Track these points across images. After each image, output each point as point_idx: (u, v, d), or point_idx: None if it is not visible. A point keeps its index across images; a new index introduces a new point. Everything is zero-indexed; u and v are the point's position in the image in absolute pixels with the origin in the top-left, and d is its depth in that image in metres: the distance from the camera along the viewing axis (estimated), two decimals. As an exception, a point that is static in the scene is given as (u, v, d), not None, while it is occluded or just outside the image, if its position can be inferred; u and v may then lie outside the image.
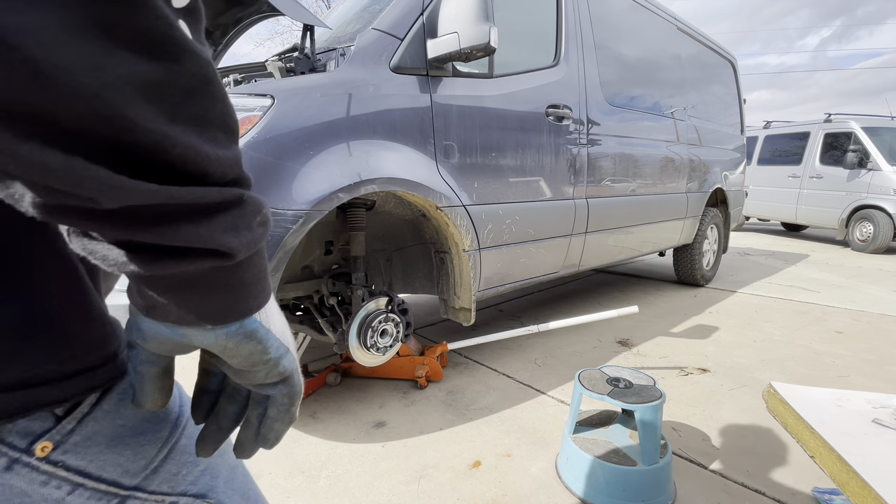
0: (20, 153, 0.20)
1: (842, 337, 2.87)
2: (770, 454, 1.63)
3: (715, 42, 4.22)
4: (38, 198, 0.22)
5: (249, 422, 0.38)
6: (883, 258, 5.90)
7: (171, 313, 0.30)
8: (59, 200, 0.22)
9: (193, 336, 0.31)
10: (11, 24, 0.18)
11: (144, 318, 0.31)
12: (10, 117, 0.19)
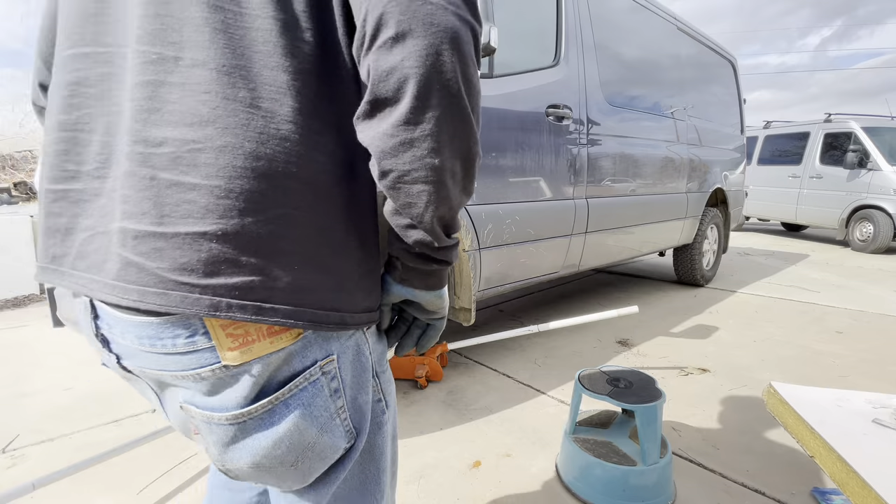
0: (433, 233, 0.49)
1: (842, 337, 2.87)
2: (770, 454, 1.63)
3: (715, 42, 4.22)
4: (420, 245, 0.50)
5: (412, 336, 0.62)
6: (883, 258, 5.90)
7: (414, 283, 0.55)
8: (424, 251, 0.51)
9: (419, 294, 0.56)
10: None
11: (396, 284, 0.56)
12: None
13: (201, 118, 0.42)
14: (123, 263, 0.43)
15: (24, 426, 1.89)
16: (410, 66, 0.39)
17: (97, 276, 0.45)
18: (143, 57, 0.43)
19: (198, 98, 0.42)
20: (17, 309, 3.82)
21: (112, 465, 1.59)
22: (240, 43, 0.42)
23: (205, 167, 0.41)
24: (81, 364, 2.56)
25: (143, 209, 0.42)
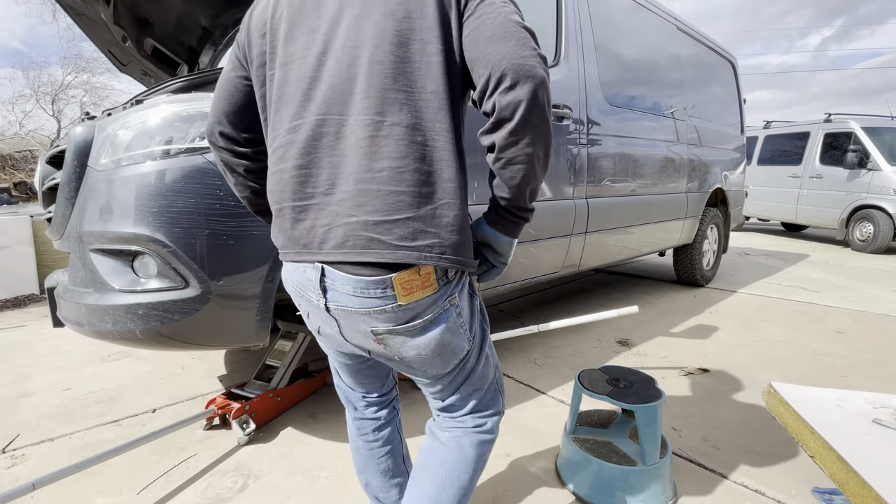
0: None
1: (842, 337, 2.87)
2: (770, 454, 1.63)
3: (715, 42, 4.22)
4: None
5: (483, 274, 0.91)
6: (883, 258, 5.90)
7: (499, 227, 0.84)
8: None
9: (499, 238, 0.85)
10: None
11: (486, 225, 0.85)
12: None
13: (401, 154, 0.73)
14: (367, 240, 0.74)
15: (24, 426, 1.89)
16: (521, 100, 0.69)
17: (341, 249, 0.75)
18: (363, 120, 0.74)
19: (398, 143, 0.74)
20: (17, 309, 3.82)
21: (112, 465, 1.59)
22: (416, 109, 0.75)
23: (406, 182, 0.74)
24: (81, 364, 2.56)
25: (376, 207, 0.74)
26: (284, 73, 0.80)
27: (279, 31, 0.81)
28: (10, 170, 13.52)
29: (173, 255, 1.31)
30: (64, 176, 1.46)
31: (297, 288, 0.84)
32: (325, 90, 0.76)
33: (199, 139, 1.34)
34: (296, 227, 0.79)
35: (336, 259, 0.76)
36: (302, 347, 2.03)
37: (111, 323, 1.36)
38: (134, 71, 2.52)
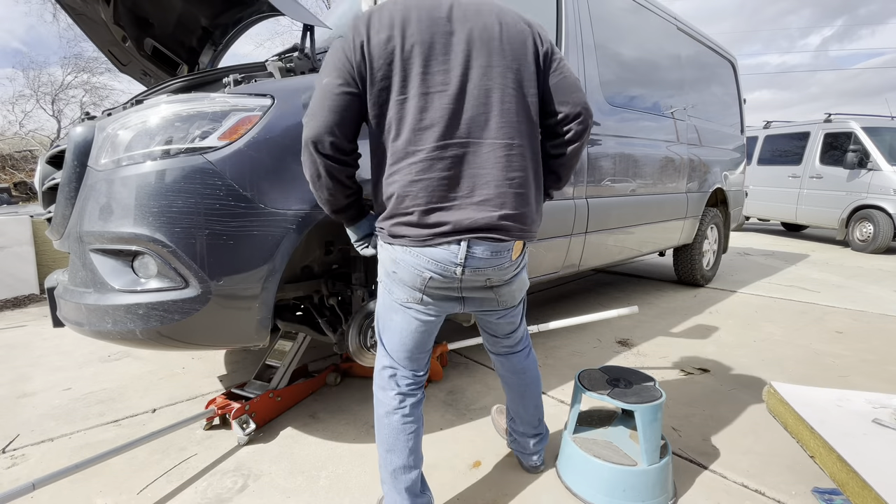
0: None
1: (842, 337, 2.87)
2: (770, 454, 1.63)
3: (715, 42, 4.22)
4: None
5: None
6: (883, 258, 5.90)
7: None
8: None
9: None
10: None
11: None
12: None
13: (523, 167, 1.10)
14: (507, 227, 1.08)
15: (24, 426, 1.89)
16: (587, 129, 1.18)
17: (488, 234, 1.06)
18: (500, 143, 1.06)
19: (521, 159, 1.09)
20: (17, 309, 3.82)
21: (112, 465, 1.59)
22: (528, 135, 1.11)
23: (528, 187, 1.11)
24: (81, 364, 2.56)
25: (514, 206, 1.08)
26: (426, 101, 1.02)
27: (413, 65, 1.01)
28: (10, 170, 13.52)
29: (173, 255, 1.31)
30: (64, 176, 1.46)
31: (431, 262, 1.07)
32: (467, 120, 1.03)
33: (199, 139, 1.34)
34: (442, 219, 1.04)
35: (484, 236, 1.06)
36: (302, 347, 2.03)
37: (111, 323, 1.36)
38: (134, 71, 2.52)
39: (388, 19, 1.01)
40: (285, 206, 1.41)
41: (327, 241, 1.96)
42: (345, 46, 1.02)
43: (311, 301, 2.00)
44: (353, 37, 1.01)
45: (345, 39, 1.03)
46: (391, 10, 1.02)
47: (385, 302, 1.20)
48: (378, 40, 1.00)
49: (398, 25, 1.00)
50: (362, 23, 1.02)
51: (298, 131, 1.46)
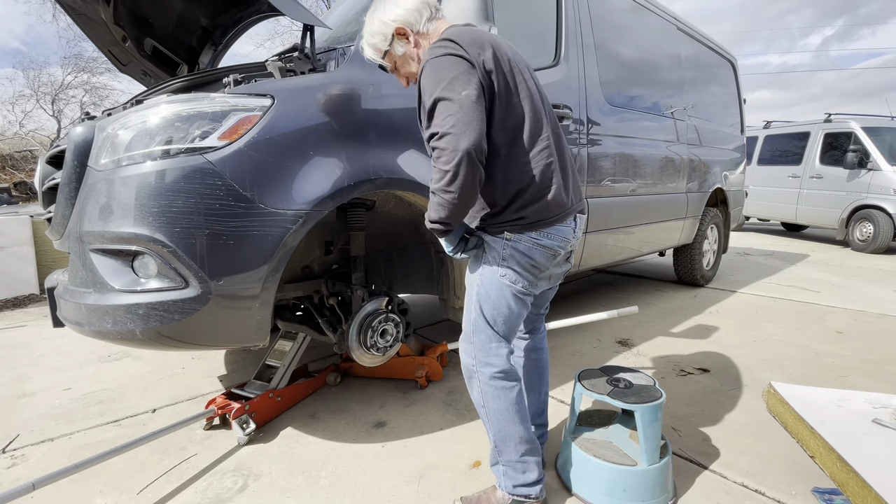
0: None
1: (842, 337, 2.87)
2: (770, 454, 1.63)
3: (715, 42, 4.22)
4: None
5: None
6: (883, 258, 5.90)
7: None
8: None
9: None
10: None
11: None
12: None
13: (572, 154, 1.85)
14: (583, 203, 1.36)
15: (24, 426, 1.89)
16: None
17: (581, 210, 1.33)
18: (560, 134, 1.32)
19: (567, 148, 1.35)
20: (17, 309, 3.83)
21: (112, 465, 1.59)
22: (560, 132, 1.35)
23: (575, 171, 1.38)
24: (81, 364, 2.56)
25: (576, 182, 1.35)
26: (531, 102, 1.23)
27: (515, 74, 1.22)
28: (10, 170, 13.52)
29: (173, 255, 1.31)
30: (64, 176, 1.46)
31: (562, 239, 1.25)
32: (550, 118, 1.29)
33: (199, 139, 1.34)
34: (567, 196, 1.26)
35: (581, 210, 1.33)
36: (302, 347, 2.03)
37: (111, 323, 1.36)
38: (134, 71, 2.52)
39: (478, 40, 1.16)
40: (285, 206, 1.41)
41: (327, 241, 1.97)
42: (465, 62, 1.12)
43: (311, 301, 2.00)
44: (468, 54, 1.12)
45: (459, 57, 1.12)
46: (471, 33, 1.18)
47: (504, 294, 1.25)
48: (487, 56, 1.15)
49: (489, 45, 1.17)
50: (464, 42, 1.14)
51: (298, 131, 1.47)
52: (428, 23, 1.25)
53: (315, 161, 1.48)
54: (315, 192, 1.45)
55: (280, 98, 1.44)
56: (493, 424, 1.27)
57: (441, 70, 1.11)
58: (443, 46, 1.13)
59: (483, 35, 1.20)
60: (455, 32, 1.17)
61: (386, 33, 1.25)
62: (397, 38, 1.25)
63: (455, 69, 1.10)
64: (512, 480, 1.30)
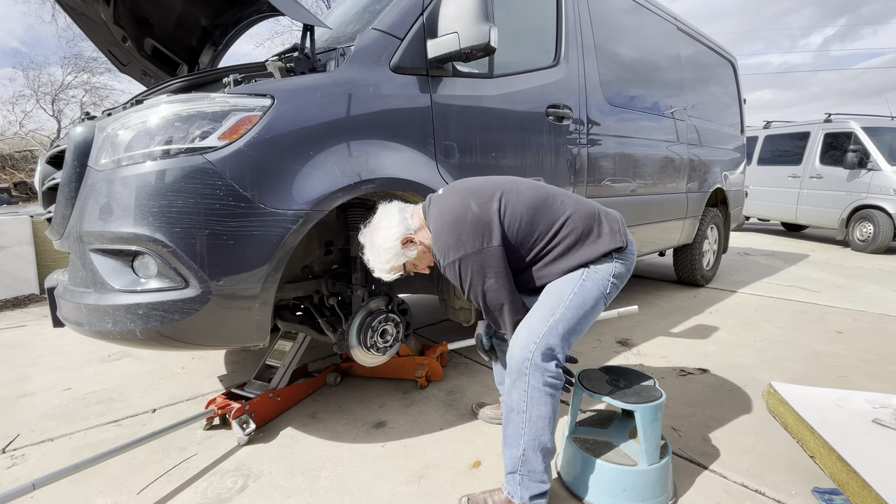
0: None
1: (842, 337, 2.87)
2: (770, 454, 1.63)
3: (715, 42, 4.22)
4: None
5: None
6: (883, 258, 5.90)
7: None
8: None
9: None
10: None
11: None
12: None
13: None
14: None
15: (24, 426, 1.89)
16: None
17: None
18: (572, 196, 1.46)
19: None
20: (17, 309, 3.83)
21: (112, 465, 1.59)
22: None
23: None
24: (81, 364, 2.56)
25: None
26: (535, 212, 1.39)
27: (522, 224, 1.37)
28: (10, 170, 13.52)
29: (173, 255, 1.31)
30: (64, 176, 1.46)
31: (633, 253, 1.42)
32: (558, 195, 1.43)
33: (199, 139, 1.34)
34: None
35: None
36: (302, 347, 2.03)
37: (111, 323, 1.36)
38: (134, 71, 2.52)
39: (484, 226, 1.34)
40: (285, 206, 1.41)
41: (327, 241, 1.96)
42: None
43: (311, 301, 2.00)
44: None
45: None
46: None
47: (597, 307, 1.36)
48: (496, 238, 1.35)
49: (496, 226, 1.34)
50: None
51: (298, 131, 1.47)
52: (411, 220, 1.38)
53: (315, 161, 1.48)
54: (315, 192, 1.45)
55: (280, 98, 1.44)
56: (530, 431, 1.25)
57: (473, 272, 1.29)
58: (460, 246, 1.28)
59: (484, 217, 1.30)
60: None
61: (396, 250, 1.35)
62: (405, 245, 1.36)
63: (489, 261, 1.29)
64: (529, 491, 1.27)
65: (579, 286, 1.33)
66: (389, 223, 1.35)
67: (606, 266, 1.36)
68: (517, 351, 1.27)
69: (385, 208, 1.40)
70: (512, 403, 1.28)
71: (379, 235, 1.35)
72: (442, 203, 1.36)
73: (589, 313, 1.34)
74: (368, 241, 1.39)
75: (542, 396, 1.24)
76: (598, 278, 1.34)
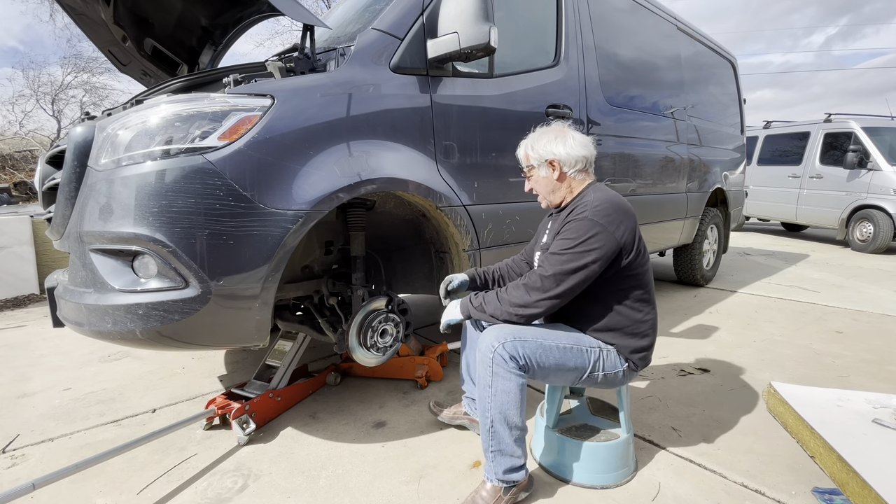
0: None
1: (842, 337, 2.87)
2: (770, 454, 1.63)
3: (715, 42, 4.22)
4: None
5: None
6: (883, 258, 5.90)
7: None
8: None
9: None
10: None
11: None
12: None
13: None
14: None
15: (24, 426, 1.89)
16: None
17: None
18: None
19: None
20: (17, 309, 3.83)
21: (112, 465, 1.59)
22: None
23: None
24: (81, 364, 2.56)
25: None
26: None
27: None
28: (10, 170, 13.52)
29: (173, 255, 1.30)
30: (64, 176, 1.46)
31: None
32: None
33: (199, 139, 1.34)
34: None
35: None
36: (302, 347, 2.03)
37: (111, 323, 1.36)
38: (134, 71, 2.52)
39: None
40: (285, 206, 1.41)
41: (327, 241, 1.96)
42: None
43: (311, 301, 2.00)
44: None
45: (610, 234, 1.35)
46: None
47: (565, 372, 1.38)
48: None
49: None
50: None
51: (298, 131, 1.47)
52: (577, 173, 1.46)
53: (315, 161, 1.48)
54: (315, 192, 1.45)
55: (280, 98, 1.44)
56: (496, 404, 1.29)
57: (591, 239, 1.31)
58: (608, 218, 1.32)
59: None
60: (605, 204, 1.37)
61: (545, 154, 1.46)
62: (549, 164, 1.46)
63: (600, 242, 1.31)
64: (501, 465, 1.32)
65: (587, 351, 1.37)
66: (571, 149, 1.44)
67: (620, 362, 1.41)
68: (488, 339, 1.32)
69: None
70: (480, 380, 1.33)
71: (555, 143, 1.45)
72: (609, 189, 1.46)
73: (564, 371, 1.36)
74: (555, 134, 1.47)
75: (505, 374, 1.28)
76: (604, 362, 1.39)
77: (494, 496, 1.31)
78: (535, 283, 1.33)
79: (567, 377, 1.38)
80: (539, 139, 1.48)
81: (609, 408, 1.71)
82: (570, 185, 1.47)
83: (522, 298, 1.33)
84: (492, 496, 1.31)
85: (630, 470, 1.50)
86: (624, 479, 1.46)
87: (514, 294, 1.35)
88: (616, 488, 1.43)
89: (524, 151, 1.52)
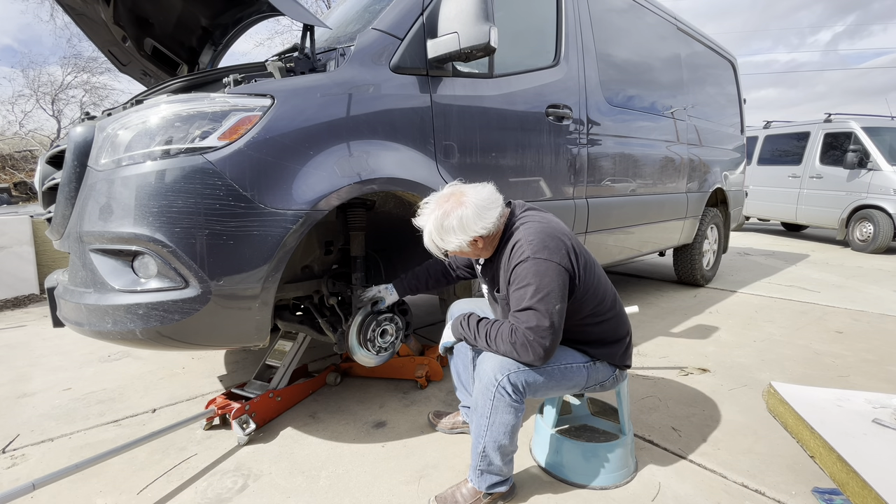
0: None
1: (842, 337, 2.87)
2: (770, 454, 1.63)
3: (715, 42, 4.22)
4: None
5: None
6: (883, 258, 5.90)
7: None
8: None
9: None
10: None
11: None
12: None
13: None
14: None
15: (24, 426, 1.89)
16: None
17: None
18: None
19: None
20: (17, 309, 3.82)
21: (112, 465, 1.59)
22: None
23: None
24: (81, 364, 2.56)
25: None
26: None
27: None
28: (10, 170, 13.52)
29: (173, 255, 1.30)
30: (64, 176, 1.46)
31: None
32: None
33: (199, 139, 1.34)
34: None
35: None
36: (302, 347, 2.02)
37: (111, 323, 1.36)
38: (134, 71, 2.52)
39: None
40: (285, 206, 1.41)
41: (327, 241, 1.96)
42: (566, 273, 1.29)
43: (311, 301, 2.00)
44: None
45: (563, 269, 1.27)
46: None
47: (563, 387, 1.39)
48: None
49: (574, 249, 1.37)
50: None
51: (298, 131, 1.47)
52: (498, 221, 1.34)
53: (315, 161, 1.48)
54: (315, 192, 1.45)
55: (280, 98, 1.44)
56: (491, 434, 1.29)
57: (544, 277, 1.24)
58: (548, 251, 1.26)
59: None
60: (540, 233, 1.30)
61: (462, 243, 1.32)
62: (471, 243, 1.34)
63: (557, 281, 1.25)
64: (486, 482, 1.34)
65: (582, 366, 1.38)
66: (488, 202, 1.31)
67: (609, 369, 1.42)
68: (490, 368, 1.28)
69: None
70: (477, 406, 1.31)
71: (472, 199, 1.29)
72: (533, 213, 1.39)
73: (563, 389, 1.38)
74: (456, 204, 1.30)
75: (506, 407, 1.27)
76: (598, 374, 1.40)
77: (473, 497, 1.34)
78: (533, 339, 1.23)
79: (564, 392, 1.41)
80: (443, 232, 1.29)
81: (609, 408, 1.71)
82: (497, 235, 1.37)
83: (536, 353, 1.24)
84: (471, 496, 1.35)
85: (630, 470, 1.49)
86: (624, 479, 1.46)
87: (522, 353, 1.25)
88: (616, 488, 1.43)
89: (434, 248, 1.35)
